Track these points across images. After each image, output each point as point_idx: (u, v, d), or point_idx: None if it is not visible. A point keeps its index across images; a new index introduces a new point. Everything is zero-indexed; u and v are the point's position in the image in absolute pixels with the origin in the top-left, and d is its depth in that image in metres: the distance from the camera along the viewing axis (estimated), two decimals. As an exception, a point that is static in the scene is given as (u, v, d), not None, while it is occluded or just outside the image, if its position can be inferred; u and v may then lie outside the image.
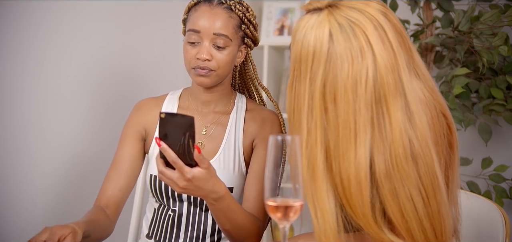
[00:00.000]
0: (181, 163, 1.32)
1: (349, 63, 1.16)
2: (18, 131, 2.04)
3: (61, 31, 2.15)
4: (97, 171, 2.34)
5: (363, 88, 1.16)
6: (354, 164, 1.17)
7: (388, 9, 1.22)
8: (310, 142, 1.19)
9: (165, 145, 1.29)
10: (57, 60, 2.14)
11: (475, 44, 2.34)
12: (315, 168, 1.19)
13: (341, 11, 1.19)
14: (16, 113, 2.03)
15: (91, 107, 2.29)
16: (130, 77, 2.46)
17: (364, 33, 1.17)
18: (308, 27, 1.20)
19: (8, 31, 1.99)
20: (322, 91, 1.18)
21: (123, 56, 2.44)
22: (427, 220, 1.18)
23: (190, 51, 1.63)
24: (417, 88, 1.21)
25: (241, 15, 1.66)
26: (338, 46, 1.17)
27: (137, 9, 2.48)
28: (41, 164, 2.11)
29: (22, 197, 2.05)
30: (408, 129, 1.17)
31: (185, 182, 1.34)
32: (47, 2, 2.08)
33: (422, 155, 1.17)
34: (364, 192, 1.17)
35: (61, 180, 2.18)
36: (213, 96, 1.72)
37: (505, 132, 2.70)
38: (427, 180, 1.18)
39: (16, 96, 2.02)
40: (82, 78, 2.25)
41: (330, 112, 1.18)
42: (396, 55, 1.18)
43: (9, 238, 2.01)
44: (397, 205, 1.17)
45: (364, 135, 1.17)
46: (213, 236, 1.70)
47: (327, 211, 1.19)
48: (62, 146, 2.18)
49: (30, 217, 2.07)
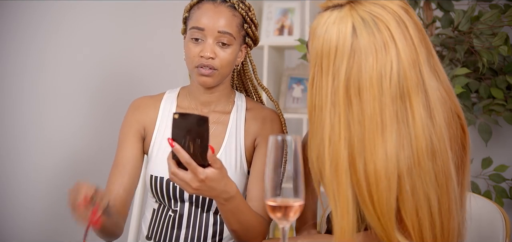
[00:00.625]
0: (195, 164, 1.30)
1: (374, 57, 1.16)
2: (18, 130, 2.03)
3: (60, 31, 2.15)
4: (97, 170, 2.33)
5: (388, 82, 1.15)
6: (383, 158, 1.15)
7: (408, 6, 1.22)
8: (333, 138, 1.18)
9: (178, 146, 1.28)
10: (56, 60, 2.14)
11: (475, 44, 2.34)
12: (339, 164, 1.17)
13: (364, 6, 1.19)
14: (16, 113, 2.03)
15: (91, 107, 2.29)
16: (130, 77, 2.46)
17: (387, 27, 1.17)
18: (330, 22, 1.19)
19: (8, 32, 1.99)
20: (346, 86, 1.17)
21: (123, 56, 2.44)
22: (438, 216, 1.18)
23: (193, 49, 1.61)
24: (435, 86, 1.21)
25: (244, 14, 1.66)
26: (362, 40, 1.16)
27: (136, 9, 2.48)
28: (41, 164, 2.11)
29: (22, 196, 2.05)
30: (429, 125, 1.17)
31: (198, 183, 1.33)
32: (47, 2, 2.08)
33: (439, 152, 1.17)
34: (392, 187, 1.15)
35: (61, 179, 2.18)
36: (213, 97, 1.71)
37: (505, 132, 2.70)
38: (442, 178, 1.18)
39: (16, 96, 2.02)
40: (82, 78, 2.24)
41: (354, 107, 1.17)
42: (417, 51, 1.18)
43: (9, 238, 2.01)
44: (415, 202, 1.16)
45: (391, 129, 1.15)
46: (215, 237, 1.69)
47: (347, 208, 1.17)
48: (62, 145, 2.18)
49: (29, 216, 2.07)
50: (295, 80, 3.22)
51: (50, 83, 2.13)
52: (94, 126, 2.30)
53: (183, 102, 1.74)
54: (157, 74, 2.57)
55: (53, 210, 2.14)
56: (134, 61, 2.49)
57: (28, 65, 2.04)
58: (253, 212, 1.55)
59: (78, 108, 2.24)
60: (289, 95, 3.21)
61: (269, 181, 1.13)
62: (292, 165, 1.13)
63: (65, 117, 2.19)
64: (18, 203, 2.04)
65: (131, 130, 1.73)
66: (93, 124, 2.30)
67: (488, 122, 2.50)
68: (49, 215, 2.14)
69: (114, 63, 2.39)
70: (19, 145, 2.04)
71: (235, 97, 1.76)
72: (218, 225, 1.69)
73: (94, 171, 2.31)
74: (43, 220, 2.12)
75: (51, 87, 2.13)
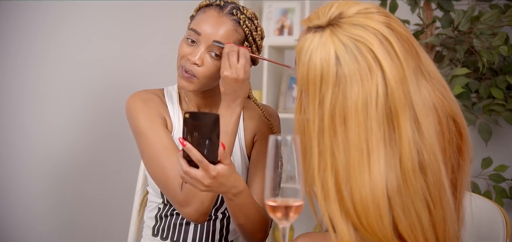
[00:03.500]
0: (206, 162, 1.32)
1: (359, 84, 1.14)
2: (18, 130, 2.04)
3: (60, 33, 2.15)
4: (97, 170, 2.34)
5: (374, 107, 1.14)
6: (369, 185, 1.14)
7: (391, 17, 1.20)
8: (322, 165, 1.17)
9: (190, 145, 1.30)
10: (56, 61, 2.14)
11: (475, 44, 2.34)
12: (328, 192, 1.17)
13: (343, 29, 1.16)
14: (15, 114, 2.03)
15: (91, 107, 2.29)
16: (129, 77, 2.46)
17: (370, 50, 1.14)
18: (313, 48, 1.17)
19: (8, 32, 1.99)
20: (331, 114, 1.16)
21: (123, 57, 2.44)
22: (431, 228, 1.17)
23: (184, 49, 1.59)
24: (425, 93, 1.19)
25: (247, 32, 1.62)
26: (346, 67, 1.14)
27: (136, 10, 2.48)
28: (41, 164, 2.11)
29: (22, 196, 2.05)
30: (417, 139, 1.15)
31: (210, 179, 1.34)
32: (47, 2, 2.08)
33: (430, 165, 1.16)
34: (383, 212, 1.14)
35: (61, 180, 2.18)
36: (207, 101, 1.70)
37: (505, 132, 2.70)
38: (435, 190, 1.16)
39: (15, 96, 2.02)
40: (82, 78, 2.25)
41: (339, 136, 1.16)
42: (403, 67, 1.15)
43: (9, 238, 2.01)
44: (407, 221, 1.16)
45: (377, 154, 1.14)
46: (222, 230, 1.71)
47: (345, 232, 1.17)
48: (62, 145, 2.18)
49: (29, 216, 2.07)
50: (295, 80, 3.22)
51: (50, 84, 2.13)
52: (94, 126, 2.30)
53: (183, 100, 1.73)
54: (157, 76, 2.57)
55: (54, 210, 2.14)
56: (133, 62, 2.49)
57: (28, 66, 2.04)
58: (257, 206, 1.56)
59: (78, 109, 2.24)
60: (289, 95, 3.21)
61: (268, 181, 1.13)
62: (292, 165, 1.13)
63: (65, 118, 2.19)
64: (18, 203, 2.04)
65: (157, 118, 1.63)
66: (93, 124, 2.30)
67: (488, 122, 2.50)
68: (49, 215, 2.14)
69: (114, 64, 2.39)
70: (19, 144, 2.04)
71: None
72: (225, 220, 1.71)
73: (94, 171, 2.31)
74: (44, 220, 2.12)
75: (51, 88, 2.13)
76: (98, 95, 2.32)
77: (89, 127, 2.28)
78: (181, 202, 1.54)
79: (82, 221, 2.27)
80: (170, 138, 1.61)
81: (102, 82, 2.33)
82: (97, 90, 2.31)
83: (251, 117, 1.74)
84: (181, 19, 1.73)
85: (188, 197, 1.52)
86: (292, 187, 1.14)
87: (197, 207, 1.53)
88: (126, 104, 1.66)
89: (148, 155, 1.59)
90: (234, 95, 1.53)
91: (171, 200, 1.57)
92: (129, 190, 2.01)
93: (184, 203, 1.53)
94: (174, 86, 1.76)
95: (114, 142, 2.37)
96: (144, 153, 1.61)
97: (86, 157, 2.27)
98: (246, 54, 1.53)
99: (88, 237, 2.29)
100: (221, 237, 1.71)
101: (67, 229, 2.20)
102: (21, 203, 2.05)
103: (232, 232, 1.73)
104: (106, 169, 2.37)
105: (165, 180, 1.56)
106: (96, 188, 2.33)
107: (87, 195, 2.29)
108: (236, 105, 1.54)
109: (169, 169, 1.55)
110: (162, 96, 1.72)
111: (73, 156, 2.22)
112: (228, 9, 1.60)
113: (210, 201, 1.54)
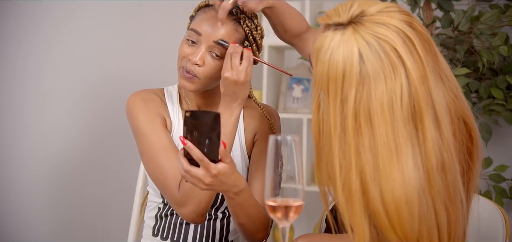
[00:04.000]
0: (207, 160, 1.32)
1: (383, 82, 1.13)
2: (18, 130, 2.04)
3: (60, 33, 2.15)
4: (96, 170, 2.34)
5: (399, 106, 1.13)
6: (402, 184, 1.12)
7: (411, 16, 1.19)
8: (345, 165, 1.15)
9: (191, 144, 1.30)
10: (56, 61, 2.14)
11: (475, 44, 2.34)
12: (352, 193, 1.14)
13: (366, 27, 1.15)
14: (15, 114, 2.03)
15: (90, 106, 2.29)
16: (129, 76, 2.46)
17: (394, 48, 1.13)
18: (334, 46, 1.15)
19: (7, 32, 1.99)
20: (355, 113, 1.14)
21: (122, 56, 2.44)
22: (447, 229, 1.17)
23: (185, 50, 1.59)
24: (441, 95, 1.19)
25: (247, 32, 1.62)
26: (370, 66, 1.13)
27: (134, 9, 2.48)
28: (40, 163, 2.11)
29: (22, 196, 2.05)
30: (438, 139, 1.15)
31: (211, 178, 1.34)
32: (46, 2, 2.08)
33: (449, 165, 1.15)
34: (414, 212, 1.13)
35: (60, 180, 2.18)
36: (207, 101, 1.70)
37: (505, 132, 2.71)
38: (452, 190, 1.16)
39: (15, 96, 2.02)
40: (82, 78, 2.25)
41: (365, 136, 1.14)
42: (424, 66, 1.15)
43: (9, 238, 2.01)
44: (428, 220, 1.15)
45: (406, 153, 1.13)
46: (222, 230, 1.71)
47: (363, 235, 1.15)
48: (61, 145, 2.18)
49: (29, 216, 2.07)
50: (295, 80, 3.22)
51: (50, 84, 2.13)
52: (94, 126, 2.31)
53: (183, 100, 1.73)
54: (156, 75, 2.57)
55: (53, 210, 2.14)
56: (134, 61, 2.49)
57: (27, 66, 2.04)
58: (259, 205, 1.56)
59: (78, 108, 2.24)
60: (289, 95, 3.21)
61: (269, 181, 1.13)
62: (292, 165, 1.13)
63: (65, 117, 2.19)
64: (18, 203, 2.04)
65: (157, 118, 1.64)
66: (93, 123, 2.30)
67: (488, 121, 2.50)
68: (49, 215, 2.14)
69: (114, 64, 2.39)
70: (19, 144, 2.04)
71: None
72: (225, 219, 1.71)
73: (93, 171, 2.31)
74: (43, 220, 2.12)
75: (51, 88, 2.13)
76: (98, 95, 2.32)
77: (89, 127, 2.28)
78: (179, 202, 1.54)
79: (82, 221, 2.27)
80: (169, 138, 1.61)
81: (102, 82, 2.34)
82: (97, 90, 2.31)
83: (252, 116, 1.74)
84: (181, 18, 1.73)
85: (185, 197, 1.52)
86: (292, 187, 1.14)
87: (194, 207, 1.53)
88: (126, 104, 1.66)
89: (147, 154, 1.60)
90: (234, 96, 1.53)
91: (169, 200, 1.57)
92: (129, 190, 2.01)
93: (181, 203, 1.53)
94: (174, 86, 1.76)
95: (114, 141, 2.37)
96: (143, 153, 1.61)
97: (86, 157, 2.27)
98: (249, 56, 1.54)
99: (88, 237, 2.29)
100: (221, 237, 1.71)
101: (67, 229, 2.21)
102: (21, 202, 2.05)
103: (232, 232, 1.73)
104: (106, 169, 2.37)
105: (164, 180, 1.56)
106: (96, 187, 2.33)
107: (87, 194, 2.30)
108: (235, 107, 1.54)
109: (167, 169, 1.56)
110: (162, 96, 1.71)
111: (73, 156, 2.22)
112: None
113: (207, 202, 1.54)
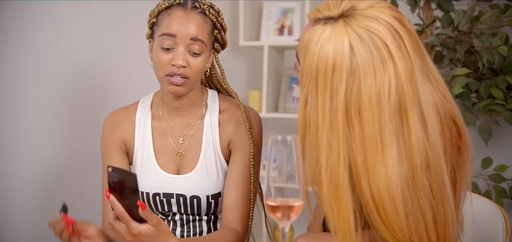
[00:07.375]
0: (128, 218, 1.28)
1: (372, 75, 1.13)
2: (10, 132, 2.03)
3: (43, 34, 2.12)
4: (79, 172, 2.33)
5: (387, 100, 1.13)
6: (385, 179, 1.13)
7: (401, 13, 1.20)
8: (331, 159, 1.15)
9: (114, 198, 1.27)
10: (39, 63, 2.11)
11: (475, 44, 2.34)
12: (338, 185, 1.15)
13: (357, 21, 1.15)
14: (15, 114, 2.03)
15: (91, 107, 2.29)
16: (112, 79, 2.44)
17: (384, 43, 1.14)
18: (324, 39, 1.16)
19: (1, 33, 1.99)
20: (345, 106, 1.14)
21: (105, 59, 2.41)
22: (434, 229, 1.17)
23: (163, 57, 1.57)
24: (429, 94, 1.19)
25: (214, 20, 1.62)
26: (360, 58, 1.14)
27: (115, 11, 2.44)
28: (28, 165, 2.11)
29: (16, 198, 2.05)
30: (423, 136, 1.15)
31: (131, 237, 1.30)
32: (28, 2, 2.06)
33: (433, 163, 1.16)
34: (398, 206, 1.13)
35: (48, 181, 2.18)
36: (184, 103, 1.66)
37: (505, 132, 2.71)
38: (437, 189, 1.16)
39: (9, 98, 2.02)
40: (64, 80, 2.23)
41: (355, 128, 1.14)
42: (412, 62, 1.16)
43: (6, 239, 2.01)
44: (413, 217, 1.15)
45: (390, 148, 1.14)
46: (210, 232, 1.69)
47: (349, 229, 1.15)
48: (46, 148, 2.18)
49: (28, 217, 2.07)
50: (295, 80, 3.22)
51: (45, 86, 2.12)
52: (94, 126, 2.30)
53: (157, 111, 1.70)
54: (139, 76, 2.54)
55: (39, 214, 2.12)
56: (115, 63, 2.46)
57: (16, 68, 2.04)
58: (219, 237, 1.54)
59: (78, 108, 2.24)
60: (289, 95, 3.21)
61: (269, 181, 1.13)
62: (292, 165, 1.13)
63: (65, 117, 2.19)
64: (12, 206, 2.04)
65: (114, 146, 1.68)
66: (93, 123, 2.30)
67: (488, 121, 2.50)
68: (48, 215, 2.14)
69: (95, 66, 2.37)
70: (13, 146, 2.04)
71: (208, 98, 1.71)
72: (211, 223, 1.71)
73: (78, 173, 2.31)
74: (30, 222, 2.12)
75: (49, 90, 2.13)
76: (97, 94, 2.31)
77: (89, 126, 2.28)
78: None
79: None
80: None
81: (95, 83, 2.33)
82: (96, 90, 2.31)
83: (228, 121, 1.68)
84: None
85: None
86: (292, 187, 1.14)
87: None
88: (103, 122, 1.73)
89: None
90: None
91: None
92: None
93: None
94: (149, 95, 1.74)
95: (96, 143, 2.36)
96: None
97: (84, 159, 2.27)
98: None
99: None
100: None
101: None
102: (15, 206, 2.04)
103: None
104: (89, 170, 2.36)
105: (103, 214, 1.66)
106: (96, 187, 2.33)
107: (86, 195, 2.29)
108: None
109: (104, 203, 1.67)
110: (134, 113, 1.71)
111: (57, 159, 2.21)
112: (190, 4, 1.59)
113: None
